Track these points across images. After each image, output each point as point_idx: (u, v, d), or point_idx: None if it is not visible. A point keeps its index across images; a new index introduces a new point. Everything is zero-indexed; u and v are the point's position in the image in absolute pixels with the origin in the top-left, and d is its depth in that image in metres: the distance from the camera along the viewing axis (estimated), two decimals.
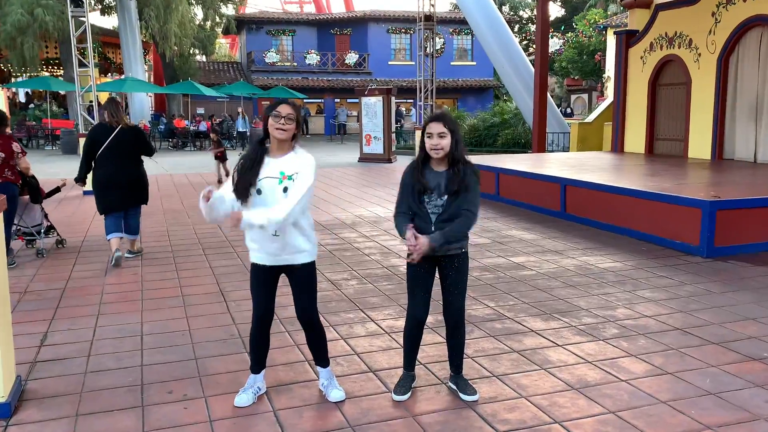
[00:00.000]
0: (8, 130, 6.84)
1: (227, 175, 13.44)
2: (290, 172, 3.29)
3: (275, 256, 3.37)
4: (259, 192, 3.28)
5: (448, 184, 3.32)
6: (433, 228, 3.34)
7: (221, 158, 14.23)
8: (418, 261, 3.32)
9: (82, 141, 12.30)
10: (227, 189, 3.35)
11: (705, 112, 12.13)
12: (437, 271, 3.49)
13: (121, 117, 6.80)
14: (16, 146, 6.65)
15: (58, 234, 7.79)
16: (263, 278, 3.44)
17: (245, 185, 3.27)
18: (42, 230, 7.40)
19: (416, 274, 3.46)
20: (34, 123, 27.10)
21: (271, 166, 3.30)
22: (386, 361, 4.09)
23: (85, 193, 12.06)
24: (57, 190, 7.78)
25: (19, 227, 7.23)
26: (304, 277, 3.45)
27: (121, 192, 6.76)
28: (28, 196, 7.25)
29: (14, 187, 6.61)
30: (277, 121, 3.27)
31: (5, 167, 6.51)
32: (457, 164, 3.34)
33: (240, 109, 27.86)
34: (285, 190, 3.26)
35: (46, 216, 7.58)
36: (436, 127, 3.32)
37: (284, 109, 3.29)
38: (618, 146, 14.50)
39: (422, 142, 3.40)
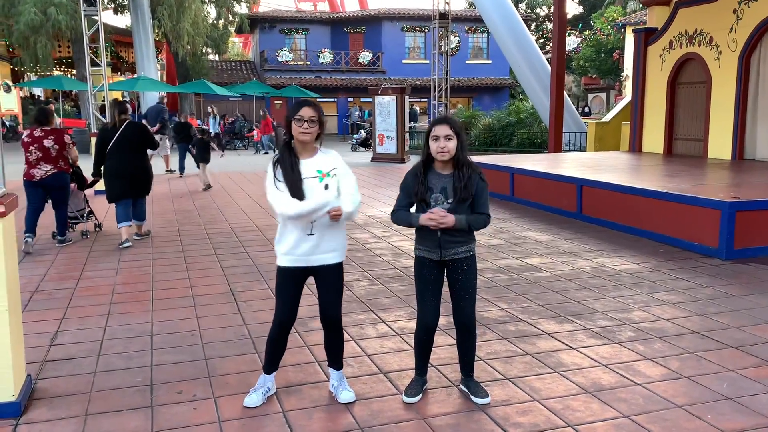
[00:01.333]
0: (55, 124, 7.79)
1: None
2: (327, 169, 3.39)
3: (307, 257, 3.39)
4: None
5: (456, 189, 3.32)
6: (439, 233, 3.35)
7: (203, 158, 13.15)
8: (435, 227, 3.31)
9: (94, 140, 12.43)
10: (282, 198, 3.33)
11: (725, 111, 12.02)
12: (445, 276, 3.49)
13: (118, 117, 7.66)
14: (67, 138, 7.65)
15: (96, 218, 8.75)
16: (292, 282, 3.45)
17: (298, 186, 3.32)
18: (84, 214, 8.43)
19: (425, 279, 3.46)
20: None
21: (305, 167, 3.37)
22: (397, 362, 4.10)
23: (97, 192, 12.17)
24: (93, 182, 8.45)
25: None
26: (332, 277, 3.48)
27: (126, 182, 7.65)
28: (74, 184, 8.13)
29: (67, 176, 7.64)
30: (300, 125, 3.31)
31: (59, 158, 7.47)
32: (462, 168, 3.34)
33: (210, 108, 27.20)
34: (326, 187, 3.36)
35: (87, 202, 8.58)
36: (442, 130, 3.32)
37: (306, 112, 3.32)
38: (636, 146, 14.41)
39: (425, 145, 3.40)
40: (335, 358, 3.64)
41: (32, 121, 7.68)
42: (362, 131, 26.07)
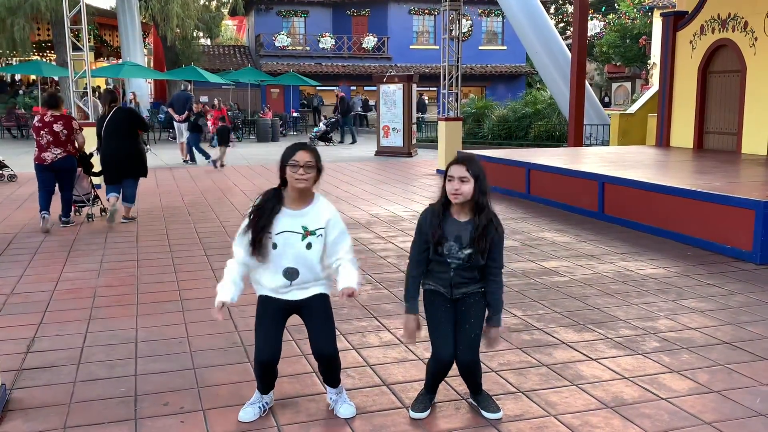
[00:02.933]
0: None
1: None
2: (314, 227, 3.35)
3: (286, 292, 3.40)
4: (274, 246, 3.32)
5: (472, 239, 3.31)
6: (452, 273, 3.37)
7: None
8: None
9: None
10: (232, 268, 3.46)
11: (761, 102, 11.99)
12: (456, 310, 3.49)
13: (108, 105, 8.87)
14: (75, 123, 8.66)
15: (101, 203, 9.57)
16: (273, 311, 3.44)
17: (261, 236, 3.31)
18: (90, 198, 9.29)
19: (438, 311, 3.45)
20: (23, 111, 27.46)
21: (290, 220, 3.33)
22: (402, 373, 4.10)
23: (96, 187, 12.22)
24: (99, 173, 9.32)
25: (73, 196, 9.03)
26: (320, 311, 3.45)
27: (118, 164, 8.81)
28: (81, 168, 9.03)
29: (74, 160, 8.67)
30: (295, 171, 3.28)
31: (67, 142, 8.47)
32: (481, 215, 3.32)
33: (131, 94, 26.76)
34: (309, 246, 3.33)
35: (93, 186, 9.43)
36: (457, 171, 3.31)
37: (302, 157, 3.28)
38: (663, 140, 14.39)
39: (443, 186, 3.39)
40: (331, 381, 3.62)
41: (44, 104, 8.85)
42: (322, 123, 24.66)
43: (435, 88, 31.22)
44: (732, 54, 12.63)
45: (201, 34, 34.60)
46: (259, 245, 3.32)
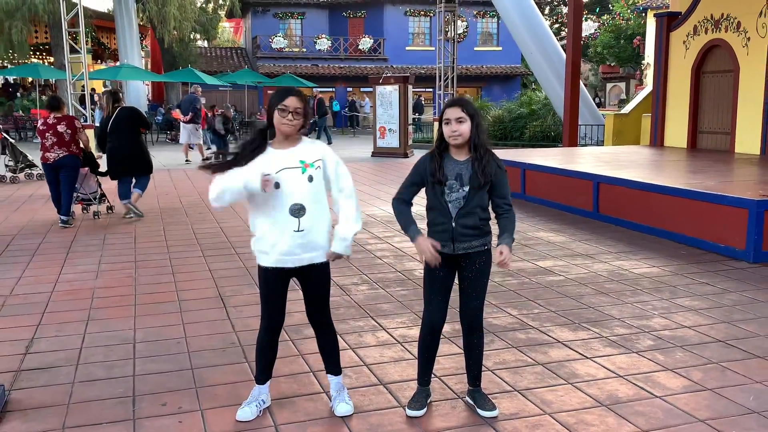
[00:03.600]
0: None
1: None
2: (311, 160, 3.36)
3: (293, 256, 3.36)
4: (277, 186, 3.29)
5: (472, 176, 3.34)
6: (453, 223, 3.36)
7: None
8: (432, 261, 3.34)
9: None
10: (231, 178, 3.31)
11: (754, 102, 12.02)
12: (457, 273, 3.50)
13: (112, 105, 9.27)
14: (78, 123, 9.02)
15: (108, 201, 9.96)
16: (276, 284, 3.44)
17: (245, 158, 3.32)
18: (97, 197, 9.72)
19: (434, 276, 3.47)
20: (21, 114, 27.41)
21: (285, 157, 3.34)
22: (398, 373, 4.11)
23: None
24: (105, 173, 9.64)
25: (78, 194, 9.50)
26: (321, 277, 3.48)
27: (122, 162, 9.24)
28: (87, 168, 9.38)
29: (78, 159, 9.00)
30: (284, 116, 3.30)
31: (71, 142, 8.82)
32: (479, 152, 3.35)
33: (97, 96, 26.51)
34: (310, 179, 3.33)
35: (99, 185, 9.79)
36: (453, 112, 3.34)
37: (292, 102, 3.30)
38: (657, 140, 14.42)
39: (440, 130, 3.42)
40: (332, 361, 3.64)
41: (45, 107, 9.36)
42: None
43: (431, 89, 31.27)
44: (725, 54, 12.67)
45: (198, 36, 34.58)
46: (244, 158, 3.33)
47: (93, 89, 28.82)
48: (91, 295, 5.85)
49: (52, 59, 29.01)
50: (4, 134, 13.56)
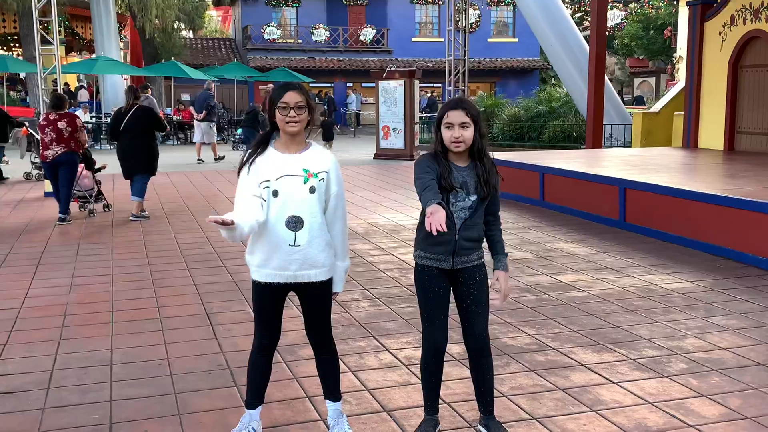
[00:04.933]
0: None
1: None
2: (316, 170, 3.36)
3: (288, 272, 3.37)
4: (275, 194, 3.30)
5: (478, 184, 3.35)
6: (458, 236, 3.37)
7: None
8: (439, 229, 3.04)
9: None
10: (241, 210, 3.31)
11: None
12: (453, 290, 3.51)
13: (131, 102, 10.09)
14: (78, 121, 9.96)
15: (105, 199, 10.85)
16: (271, 300, 3.46)
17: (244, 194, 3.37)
18: (93, 194, 10.55)
19: (432, 294, 3.47)
20: None
21: (288, 164, 3.34)
22: (403, 399, 4.11)
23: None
24: (100, 169, 10.85)
25: (75, 191, 10.20)
26: (318, 296, 3.49)
27: (129, 161, 10.08)
28: (83, 165, 10.28)
29: (76, 156, 9.90)
30: (285, 114, 3.31)
31: (71, 139, 9.72)
32: (483, 159, 3.38)
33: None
34: (312, 190, 3.33)
35: (98, 183, 10.69)
36: (457, 117, 3.33)
37: (292, 98, 3.31)
38: (691, 141, 14.42)
39: (438, 134, 3.42)
40: (331, 387, 3.65)
41: (49, 106, 10.24)
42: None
43: (440, 85, 31.33)
44: (766, 46, 12.68)
45: (183, 25, 34.70)
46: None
47: (66, 84, 28.93)
48: (64, 311, 5.86)
49: (21, 51, 29.13)
50: (30, 130, 14.33)
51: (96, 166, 10.75)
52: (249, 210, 3.27)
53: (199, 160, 18.65)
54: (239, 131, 20.15)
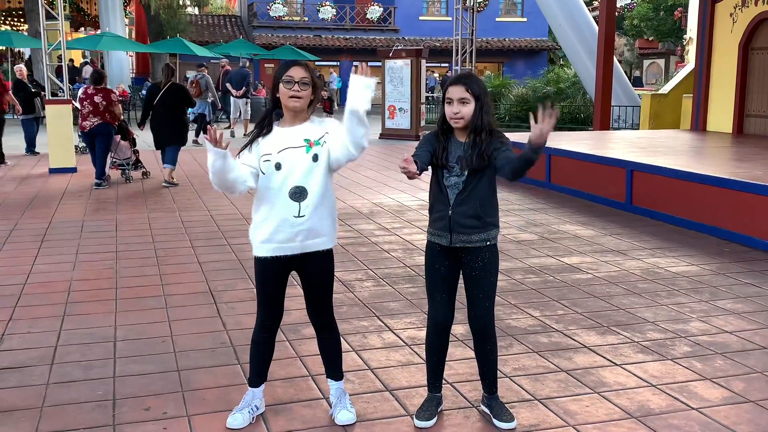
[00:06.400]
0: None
1: None
2: (316, 137, 3.38)
3: (292, 243, 3.39)
4: (278, 167, 3.33)
5: (470, 159, 3.34)
6: (451, 211, 3.37)
7: None
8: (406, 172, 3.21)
9: (48, 108, 12.63)
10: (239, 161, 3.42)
11: None
12: (460, 271, 3.52)
13: (167, 79, 11.18)
14: (113, 96, 11.08)
15: (143, 167, 11.93)
16: (274, 276, 3.48)
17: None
18: (131, 162, 11.67)
19: (435, 271, 3.50)
20: None
21: (288, 136, 3.37)
22: (406, 378, 4.13)
23: (51, 171, 12.29)
24: (134, 139, 12.01)
25: (114, 160, 11.49)
26: (322, 267, 3.50)
27: (163, 132, 11.20)
28: (119, 136, 11.38)
29: (111, 127, 11.00)
30: (289, 87, 3.32)
31: (105, 112, 10.77)
32: (480, 134, 3.35)
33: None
34: (315, 158, 3.35)
35: (136, 152, 11.84)
36: (456, 92, 3.33)
37: (297, 72, 3.33)
38: (699, 124, 14.35)
39: (442, 108, 3.43)
40: (333, 365, 3.67)
41: (89, 81, 11.33)
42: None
43: (447, 65, 31.15)
44: None
45: (188, 2, 34.56)
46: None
47: (71, 60, 28.86)
48: (68, 288, 5.88)
49: (26, 27, 29.05)
50: (76, 104, 14.50)
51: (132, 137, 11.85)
52: (242, 168, 3.37)
53: (231, 133, 18.54)
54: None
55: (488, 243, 3.46)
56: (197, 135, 17.82)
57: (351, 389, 3.92)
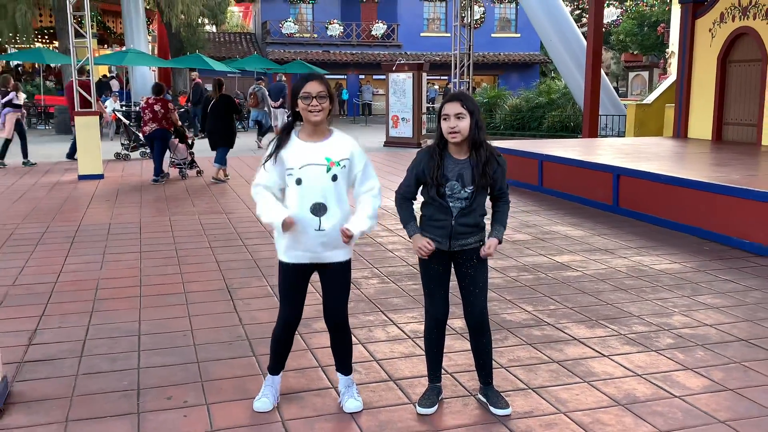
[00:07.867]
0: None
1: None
2: (338, 158, 3.34)
3: (313, 253, 3.40)
4: (298, 182, 3.32)
5: (474, 176, 3.34)
6: (453, 222, 3.37)
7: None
8: (424, 255, 3.40)
9: (77, 120, 12.67)
10: (266, 194, 3.43)
11: None
12: (453, 268, 3.53)
13: (218, 92, 12.06)
14: (170, 105, 12.12)
15: (198, 166, 12.92)
16: (297, 280, 3.49)
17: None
18: (187, 162, 12.70)
19: (431, 272, 3.50)
20: (26, 99, 27.47)
21: (311, 152, 3.33)
22: (409, 368, 4.13)
23: (80, 177, 12.32)
24: (192, 142, 12.99)
25: (172, 160, 12.59)
26: (340, 276, 3.50)
27: (216, 136, 12.14)
28: (177, 139, 12.42)
29: (168, 133, 12.02)
30: (308, 103, 3.30)
31: (163, 119, 11.78)
32: (479, 150, 3.36)
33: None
34: (334, 178, 3.32)
35: (192, 154, 12.83)
36: (452, 108, 3.33)
37: (313, 87, 3.30)
38: (681, 131, 14.32)
39: (438, 127, 3.42)
40: (343, 362, 3.68)
41: (152, 93, 12.20)
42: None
43: (446, 77, 31.14)
44: (753, 43, 12.55)
45: (206, 20, 34.54)
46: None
47: (104, 75, 28.95)
48: (96, 286, 5.90)
49: (56, 44, 29.11)
50: (119, 115, 16.17)
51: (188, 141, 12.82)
52: (279, 203, 3.40)
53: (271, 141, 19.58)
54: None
55: (481, 243, 3.47)
56: (259, 137, 19.42)
57: (358, 379, 3.92)
